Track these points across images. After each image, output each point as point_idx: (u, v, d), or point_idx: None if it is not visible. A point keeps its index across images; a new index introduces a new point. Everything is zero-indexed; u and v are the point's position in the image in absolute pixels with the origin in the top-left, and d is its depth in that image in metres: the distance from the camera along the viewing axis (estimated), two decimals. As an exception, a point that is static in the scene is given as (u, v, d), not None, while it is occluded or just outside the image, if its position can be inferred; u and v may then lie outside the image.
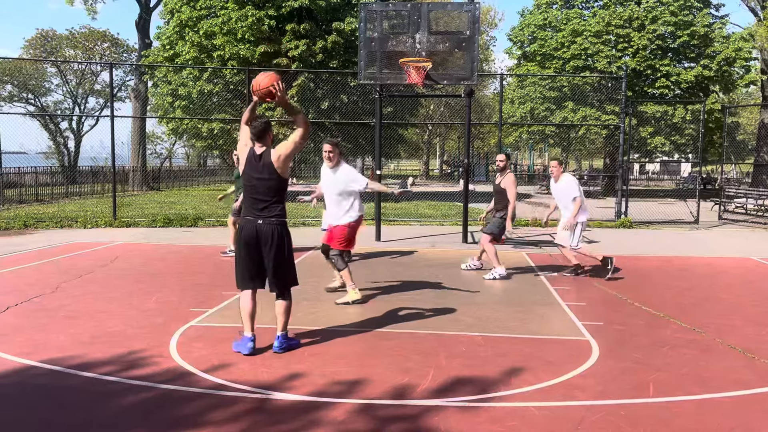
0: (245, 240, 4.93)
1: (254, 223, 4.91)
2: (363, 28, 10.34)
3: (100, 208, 16.87)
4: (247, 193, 4.97)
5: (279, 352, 5.00)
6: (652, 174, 56.20)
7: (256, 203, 4.91)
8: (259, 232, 4.89)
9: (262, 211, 4.90)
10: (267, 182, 4.88)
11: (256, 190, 4.90)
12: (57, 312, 6.28)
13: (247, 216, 4.96)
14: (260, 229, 4.89)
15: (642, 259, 10.25)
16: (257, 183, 4.89)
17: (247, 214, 4.96)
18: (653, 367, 4.82)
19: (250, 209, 4.95)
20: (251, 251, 4.92)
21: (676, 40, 25.49)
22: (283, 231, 4.98)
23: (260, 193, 4.90)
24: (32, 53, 37.78)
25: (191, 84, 20.48)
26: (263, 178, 4.88)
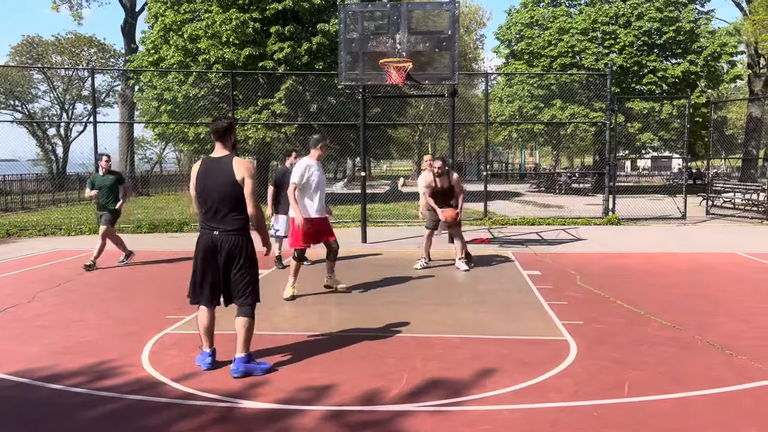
0: (203, 252, 4.63)
1: (211, 234, 4.60)
2: (343, 29, 10.28)
3: (85, 215, 16.74)
4: (202, 203, 4.63)
5: (237, 377, 4.52)
6: (643, 170, 56.41)
7: (214, 213, 4.59)
8: (216, 243, 4.59)
9: (220, 222, 4.58)
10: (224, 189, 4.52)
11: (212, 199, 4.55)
12: (31, 322, 6.19)
13: (204, 227, 4.65)
14: (217, 240, 4.59)
15: (626, 256, 10.23)
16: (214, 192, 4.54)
17: (204, 225, 4.64)
18: (630, 366, 4.77)
19: (206, 220, 4.62)
20: (208, 264, 4.63)
21: (662, 36, 25.57)
22: (244, 242, 4.64)
23: (216, 202, 4.55)
24: (18, 60, 37.56)
25: (176, 88, 20.37)
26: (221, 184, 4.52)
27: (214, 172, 4.57)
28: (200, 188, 4.60)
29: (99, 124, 14.69)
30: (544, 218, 15.28)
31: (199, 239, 4.70)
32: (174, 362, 4.92)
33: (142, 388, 4.36)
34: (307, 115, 19.85)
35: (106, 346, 5.34)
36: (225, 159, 4.60)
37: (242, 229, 4.63)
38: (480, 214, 15.47)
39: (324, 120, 19.87)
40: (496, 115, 28.00)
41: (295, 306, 6.81)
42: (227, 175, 4.51)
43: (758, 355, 5.04)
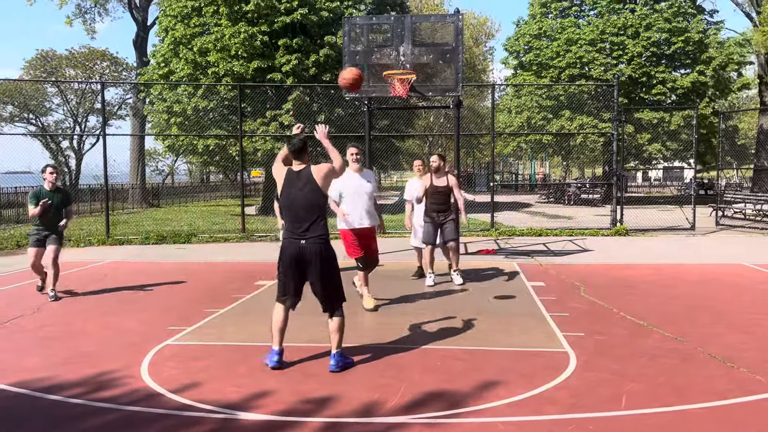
0: (288, 260, 4.92)
1: (297, 244, 4.88)
2: (347, 42, 10.35)
3: (95, 227, 16.88)
4: (287, 213, 4.96)
5: (336, 371, 4.91)
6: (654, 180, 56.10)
7: (299, 223, 4.89)
8: (302, 252, 4.88)
9: (305, 231, 4.87)
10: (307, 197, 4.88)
11: (297, 208, 4.90)
12: (35, 333, 6.25)
13: (290, 237, 4.93)
14: (304, 249, 4.88)
15: (632, 267, 10.16)
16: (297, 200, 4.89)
17: (289, 234, 4.93)
18: (629, 378, 4.74)
19: (292, 230, 4.92)
20: (293, 271, 4.94)
21: (670, 46, 25.53)
22: (327, 249, 4.95)
23: (301, 211, 4.89)
24: (32, 74, 38.07)
25: (186, 101, 20.56)
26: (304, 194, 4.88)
27: (296, 182, 4.93)
28: (285, 198, 4.96)
29: (110, 136, 14.88)
30: (551, 229, 15.23)
31: (284, 248, 4.99)
32: (173, 373, 4.94)
33: (140, 399, 4.38)
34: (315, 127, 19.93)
35: (107, 357, 5.38)
36: (305, 169, 4.97)
37: (325, 236, 4.94)
38: (487, 224, 15.44)
39: (332, 132, 19.91)
40: (505, 126, 28.01)
41: (296, 317, 6.80)
42: (309, 182, 4.89)
43: (760, 367, 4.98)
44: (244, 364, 5.16)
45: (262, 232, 15.21)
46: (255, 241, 14.36)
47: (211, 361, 5.27)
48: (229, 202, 33.96)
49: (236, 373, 4.96)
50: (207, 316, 6.85)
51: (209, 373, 4.95)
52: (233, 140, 19.35)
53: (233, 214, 21.27)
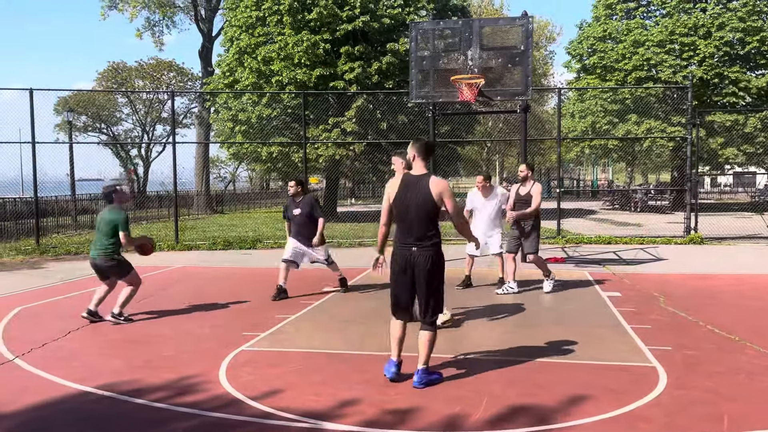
0: (399, 267, 4.78)
1: (408, 251, 4.72)
2: (414, 47, 10.29)
3: (164, 232, 17.36)
4: (400, 219, 4.78)
5: (418, 387, 4.69)
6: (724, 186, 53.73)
7: (409, 230, 4.72)
8: (413, 259, 4.71)
9: (416, 239, 4.70)
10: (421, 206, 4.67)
11: (410, 216, 4.70)
12: (114, 336, 6.41)
13: (400, 244, 4.79)
14: (414, 256, 4.71)
15: (713, 277, 9.68)
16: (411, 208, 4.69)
17: (400, 241, 4.79)
18: (727, 397, 4.45)
19: (402, 237, 4.77)
20: (404, 279, 4.78)
21: (745, 46, 24.38)
22: (437, 258, 4.75)
23: (413, 219, 4.69)
24: (104, 85, 39.73)
25: (250, 109, 20.97)
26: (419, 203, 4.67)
27: (413, 189, 4.69)
28: (399, 204, 4.74)
29: (177, 144, 15.27)
30: (620, 237, 14.72)
31: (394, 255, 4.83)
32: (249, 379, 4.95)
33: (221, 405, 4.40)
34: (377, 134, 19.99)
35: (185, 362, 5.44)
36: (424, 178, 4.71)
37: (437, 245, 4.74)
38: (553, 232, 15.06)
39: (393, 138, 19.96)
40: (568, 130, 27.36)
41: (366, 325, 6.76)
42: (425, 193, 4.64)
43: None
44: (319, 372, 5.12)
45: (326, 238, 15.26)
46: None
47: (287, 368, 5.26)
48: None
49: (312, 381, 4.92)
50: (278, 322, 6.88)
51: (286, 380, 4.93)
52: (296, 147, 19.59)
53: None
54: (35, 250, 13.86)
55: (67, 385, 4.87)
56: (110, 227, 6.99)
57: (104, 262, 7.05)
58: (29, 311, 7.72)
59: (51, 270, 11.33)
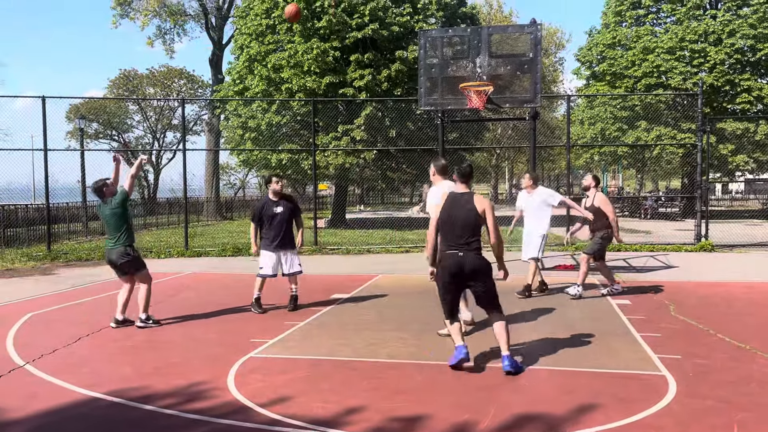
0: (449, 270, 5.28)
1: (456, 255, 5.27)
2: (423, 55, 10.33)
3: (174, 239, 17.46)
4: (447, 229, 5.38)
5: (511, 371, 5.13)
6: (735, 193, 53.36)
7: (458, 237, 5.30)
8: (462, 263, 5.25)
9: (464, 244, 5.28)
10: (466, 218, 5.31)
11: (457, 226, 5.32)
12: (124, 342, 6.44)
13: (449, 250, 5.32)
14: (463, 260, 5.25)
15: (724, 285, 9.61)
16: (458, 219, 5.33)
17: (448, 247, 5.33)
18: (739, 407, 4.41)
19: (450, 243, 5.33)
20: (453, 280, 5.32)
21: (756, 53, 24.26)
22: (484, 260, 5.34)
23: (459, 229, 5.30)
24: (115, 92, 40.06)
25: (260, 116, 21.06)
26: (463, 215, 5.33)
27: (459, 204, 5.34)
28: (446, 216, 5.39)
29: (188, 151, 15.36)
30: (630, 244, 14.64)
31: (442, 260, 5.37)
32: (258, 386, 4.96)
33: (230, 412, 4.41)
34: (387, 141, 20.02)
35: (194, 368, 5.46)
36: (467, 194, 5.42)
37: (480, 250, 5.37)
38: (562, 239, 14.97)
39: (402, 145, 19.99)
40: (578, 137, 27.30)
41: (374, 332, 6.76)
42: (470, 207, 5.32)
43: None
44: (327, 380, 5.12)
45: (334, 245, 15.31)
46: (327, 254, 14.46)
47: (295, 375, 5.27)
48: (299, 215, 34.48)
49: (320, 388, 4.92)
50: (287, 329, 6.89)
51: (294, 387, 4.93)
52: (306, 154, 19.65)
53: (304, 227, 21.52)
54: (46, 256, 13.97)
55: (77, 391, 4.90)
56: (116, 216, 6.94)
57: (119, 256, 6.97)
58: (40, 317, 7.77)
59: (62, 276, 11.41)
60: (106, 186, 7.03)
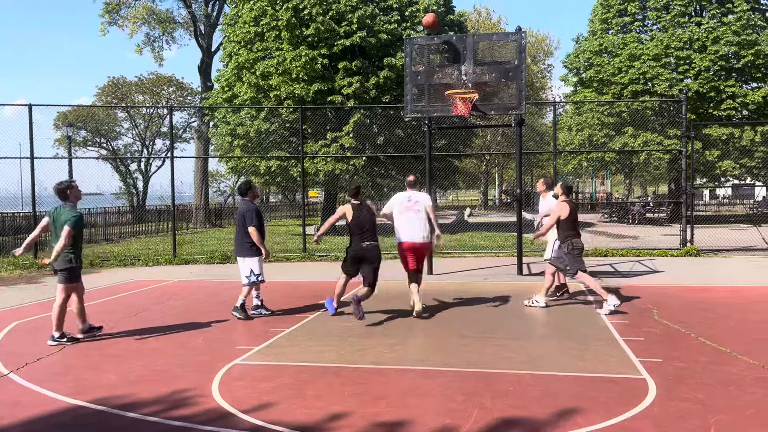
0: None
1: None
2: (409, 62, 10.40)
3: (162, 246, 17.42)
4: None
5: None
6: (722, 199, 53.85)
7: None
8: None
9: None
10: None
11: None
12: (109, 350, 6.44)
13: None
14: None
15: (708, 290, 9.71)
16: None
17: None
18: (716, 409, 4.48)
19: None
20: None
21: (740, 60, 24.57)
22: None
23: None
24: (104, 100, 39.93)
25: (249, 123, 21.07)
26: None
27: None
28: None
29: (176, 159, 15.35)
30: (617, 249, 14.76)
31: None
32: (243, 393, 4.98)
33: (214, 419, 4.42)
34: (375, 148, 20.08)
35: (179, 376, 5.47)
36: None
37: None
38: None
39: (390, 151, 20.05)
40: (566, 143, 27.50)
41: (362, 338, 6.80)
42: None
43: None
44: (312, 386, 5.15)
45: (323, 252, 15.33)
46: (316, 260, 14.48)
47: (280, 381, 5.29)
48: (288, 222, 34.47)
49: (304, 394, 4.95)
50: (273, 336, 6.91)
51: (278, 394, 4.96)
52: (295, 161, 19.68)
53: (293, 234, 21.56)
54: (33, 264, 13.90)
55: (60, 399, 4.90)
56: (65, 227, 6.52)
57: (60, 265, 6.61)
58: (26, 326, 7.75)
59: (48, 285, 11.35)
60: (71, 188, 6.76)
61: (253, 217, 7.90)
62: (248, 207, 8.01)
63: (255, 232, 7.86)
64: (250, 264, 7.98)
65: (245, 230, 7.90)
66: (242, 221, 7.93)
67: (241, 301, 8.00)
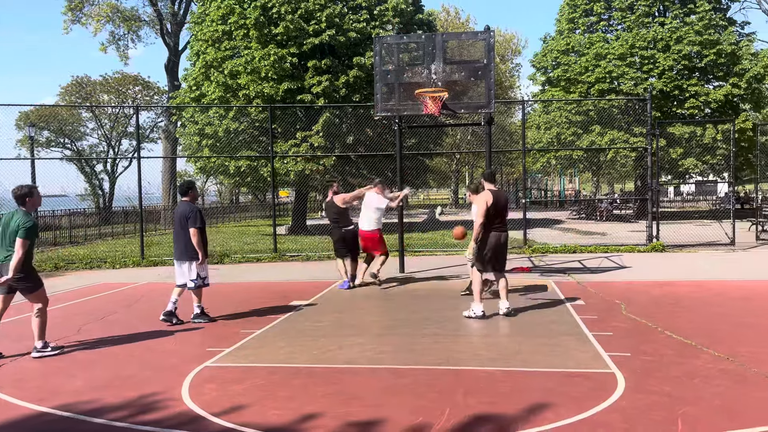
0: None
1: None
2: (378, 61, 10.39)
3: (129, 248, 17.12)
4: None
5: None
6: (687, 195, 55.05)
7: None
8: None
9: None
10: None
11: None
12: (75, 355, 6.30)
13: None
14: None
15: (673, 284, 9.91)
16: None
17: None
18: (682, 401, 4.57)
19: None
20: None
21: (702, 59, 25.12)
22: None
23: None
24: (68, 99, 39.09)
25: (217, 123, 20.84)
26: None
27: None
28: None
29: (143, 159, 15.10)
30: (585, 246, 14.97)
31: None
32: (213, 396, 4.92)
33: (183, 422, 4.36)
34: (345, 147, 20.03)
35: (148, 379, 5.38)
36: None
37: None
38: (520, 242, 15.24)
39: (361, 151, 20.03)
40: (534, 142, 27.80)
41: (332, 338, 6.76)
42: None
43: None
44: (284, 387, 5.11)
45: (294, 252, 15.24)
46: (287, 260, 14.39)
47: (251, 383, 5.23)
48: (259, 222, 34.22)
49: (276, 395, 4.91)
50: (244, 338, 6.84)
51: (250, 395, 4.91)
52: (264, 161, 19.52)
53: (264, 234, 21.39)
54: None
55: (24, 405, 4.78)
56: (16, 233, 6.02)
57: (14, 280, 6.04)
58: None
59: None
60: (30, 196, 6.29)
61: (197, 218, 7.57)
62: (190, 208, 7.64)
63: (197, 234, 7.52)
64: (196, 267, 7.64)
65: (187, 232, 7.53)
66: (184, 223, 7.55)
67: (198, 309, 7.77)
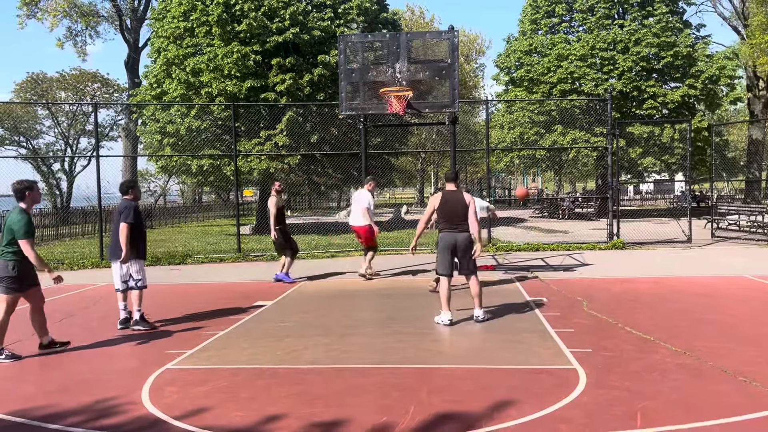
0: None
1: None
2: (343, 59, 10.34)
3: (88, 249, 16.70)
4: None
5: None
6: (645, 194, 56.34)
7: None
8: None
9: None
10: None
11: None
12: (28, 360, 6.11)
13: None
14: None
15: (633, 281, 10.11)
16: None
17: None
18: (642, 395, 4.66)
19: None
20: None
21: (660, 61, 25.73)
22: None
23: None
24: (22, 96, 37.96)
25: (179, 121, 20.49)
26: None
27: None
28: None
29: (103, 158, 14.75)
30: (548, 244, 15.19)
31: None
32: (175, 398, 4.82)
33: (143, 426, 4.26)
34: (310, 146, 19.91)
35: (106, 383, 5.25)
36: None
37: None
38: (483, 240, 15.36)
39: (326, 150, 19.94)
40: (498, 141, 28.09)
41: (296, 339, 6.71)
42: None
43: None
44: (247, 388, 5.04)
45: (258, 252, 15.08)
46: (251, 260, 14.23)
47: (213, 385, 5.15)
48: (222, 221, 33.79)
49: (239, 397, 4.84)
50: (206, 339, 6.73)
51: (212, 398, 4.83)
52: (227, 160, 19.27)
53: (228, 234, 21.13)
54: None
55: (-25, 413, 4.61)
56: (11, 230, 5.95)
57: (2, 270, 6.01)
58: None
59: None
60: (31, 190, 6.18)
61: (129, 214, 7.13)
62: (126, 204, 7.24)
63: (126, 229, 7.07)
64: (129, 268, 7.31)
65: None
66: (118, 220, 7.20)
67: (139, 313, 7.39)
